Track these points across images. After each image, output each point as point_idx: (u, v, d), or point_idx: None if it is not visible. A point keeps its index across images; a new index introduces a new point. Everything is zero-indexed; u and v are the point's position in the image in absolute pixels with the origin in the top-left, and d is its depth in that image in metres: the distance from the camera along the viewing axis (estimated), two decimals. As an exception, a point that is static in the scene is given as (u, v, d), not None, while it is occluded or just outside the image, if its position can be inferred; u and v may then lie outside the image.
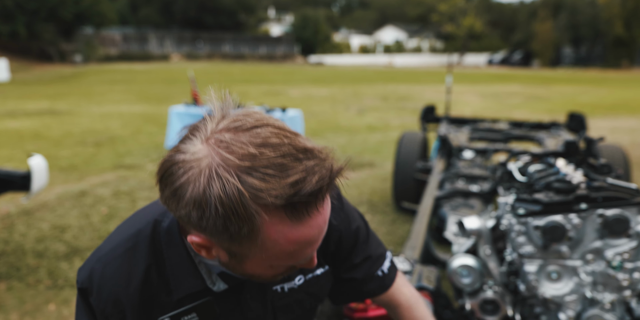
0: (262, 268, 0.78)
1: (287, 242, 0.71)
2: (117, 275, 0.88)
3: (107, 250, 0.90)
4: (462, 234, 1.44)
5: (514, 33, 47.91)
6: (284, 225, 0.69)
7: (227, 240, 0.71)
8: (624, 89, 19.76)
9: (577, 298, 1.26)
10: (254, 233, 0.69)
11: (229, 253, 0.76)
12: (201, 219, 0.69)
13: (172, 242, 0.87)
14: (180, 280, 0.87)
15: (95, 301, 0.89)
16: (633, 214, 1.22)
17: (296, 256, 0.75)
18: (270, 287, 0.96)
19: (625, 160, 4.31)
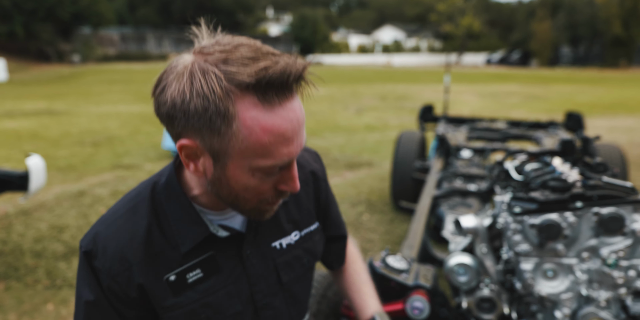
0: (244, 175, 0.81)
1: (261, 131, 0.76)
2: (120, 233, 0.90)
3: (109, 215, 0.94)
4: (458, 232, 1.44)
5: (513, 33, 47.95)
6: (257, 111, 0.75)
7: (208, 132, 0.77)
8: (622, 89, 19.80)
9: (573, 296, 1.26)
10: (230, 117, 0.75)
11: (213, 156, 0.80)
12: (186, 110, 0.76)
13: (171, 195, 0.92)
14: (184, 232, 0.91)
15: (101, 261, 0.89)
16: (628, 212, 1.22)
17: (273, 152, 0.78)
18: (269, 243, 0.99)
19: (623, 159, 4.32)
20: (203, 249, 0.92)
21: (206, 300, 0.93)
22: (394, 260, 1.52)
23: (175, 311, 0.91)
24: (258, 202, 0.86)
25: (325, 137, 8.87)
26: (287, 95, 0.77)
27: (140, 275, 0.89)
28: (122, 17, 47.85)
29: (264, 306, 1.00)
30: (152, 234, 0.91)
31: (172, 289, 0.91)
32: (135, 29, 47.47)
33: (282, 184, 0.85)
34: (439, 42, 52.15)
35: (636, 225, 1.20)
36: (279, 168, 0.83)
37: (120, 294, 0.90)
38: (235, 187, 0.83)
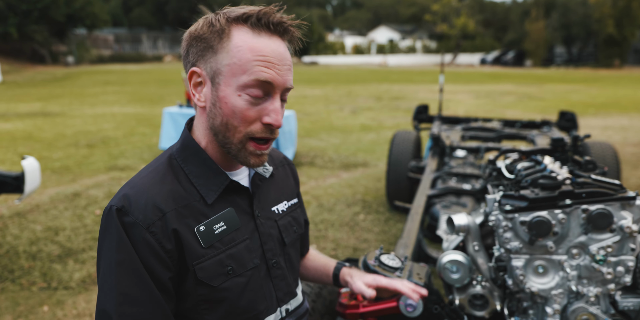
0: (232, 95, 0.96)
1: (247, 49, 0.95)
2: (149, 188, 0.98)
3: (133, 180, 1.02)
4: (450, 230, 1.46)
5: (507, 32, 48.12)
6: (247, 36, 0.96)
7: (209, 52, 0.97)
8: (615, 88, 19.91)
9: (563, 292, 1.28)
10: (223, 40, 0.96)
11: (211, 79, 0.98)
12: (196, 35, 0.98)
13: (188, 155, 1.04)
14: (207, 184, 1.02)
15: (134, 214, 0.94)
16: (616, 209, 1.24)
17: (253, 68, 0.95)
18: (269, 207, 1.14)
19: (616, 157, 4.35)
20: (224, 204, 1.04)
21: (231, 251, 1.02)
22: (388, 258, 1.54)
23: (206, 261, 0.98)
24: (245, 134, 0.98)
25: (321, 137, 8.88)
26: (273, 32, 0.98)
27: (174, 222, 0.96)
28: (117, 18, 47.70)
29: (274, 265, 1.11)
30: (177, 189, 1.00)
31: (203, 238, 0.98)
32: (130, 30, 47.35)
33: (266, 115, 0.98)
34: (434, 42, 52.26)
35: (624, 221, 1.22)
36: (265, 95, 0.98)
37: (155, 247, 0.94)
38: (225, 110, 0.97)
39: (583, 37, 42.31)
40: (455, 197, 3.42)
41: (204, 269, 0.98)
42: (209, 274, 0.98)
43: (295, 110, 10.38)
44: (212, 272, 0.99)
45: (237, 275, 1.02)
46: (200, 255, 0.98)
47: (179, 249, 0.96)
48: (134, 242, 0.93)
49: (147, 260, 0.93)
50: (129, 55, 39.45)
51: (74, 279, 3.38)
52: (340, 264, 1.40)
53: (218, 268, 0.99)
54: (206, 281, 0.98)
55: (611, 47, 38.47)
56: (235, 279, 1.02)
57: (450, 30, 44.69)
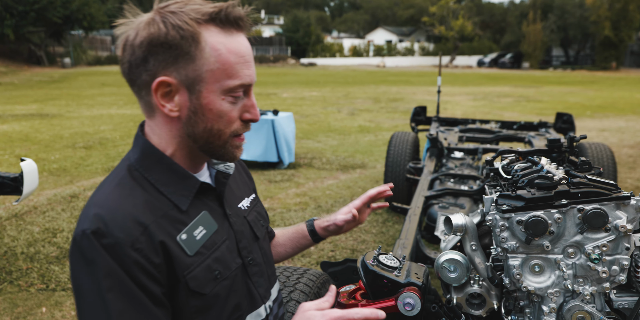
0: (217, 100, 0.93)
1: (227, 52, 0.92)
2: (121, 203, 0.90)
3: (97, 197, 0.93)
4: (448, 230, 1.47)
5: (504, 34, 48.26)
6: (220, 37, 0.92)
7: (183, 60, 0.90)
8: (612, 90, 19.98)
9: (559, 290, 1.29)
10: (199, 44, 0.90)
11: (188, 87, 0.92)
12: (164, 42, 0.89)
13: (151, 164, 0.97)
14: (177, 191, 0.97)
15: (114, 234, 0.85)
16: (611, 208, 1.26)
17: (238, 72, 0.93)
18: (236, 204, 1.13)
19: (612, 158, 4.38)
20: (197, 208, 1.00)
21: (215, 255, 0.99)
22: (386, 258, 1.55)
23: (195, 269, 0.94)
24: (229, 134, 0.97)
25: (319, 139, 8.90)
26: (240, 28, 0.95)
27: (159, 233, 0.90)
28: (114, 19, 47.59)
29: (250, 262, 1.09)
30: (150, 199, 0.94)
31: (187, 246, 0.94)
32: (128, 32, 47.27)
33: (246, 112, 0.98)
34: (432, 44, 52.36)
35: (619, 221, 1.23)
36: (243, 92, 0.96)
37: (144, 264, 0.86)
38: (210, 116, 0.94)
39: (580, 39, 42.48)
40: (452, 198, 3.44)
41: (195, 277, 0.94)
42: (200, 282, 0.95)
43: (293, 112, 10.39)
44: (203, 280, 0.95)
45: (224, 279, 1.00)
46: (189, 264, 0.93)
47: (168, 261, 0.91)
48: (121, 263, 0.84)
49: (138, 280, 0.86)
50: (127, 56, 39.39)
51: (72, 280, 3.39)
52: (310, 220, 1.42)
53: (207, 274, 0.96)
54: (198, 290, 0.94)
55: (608, 49, 38.64)
56: (222, 282, 0.99)
57: (448, 32, 44.80)
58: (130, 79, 0.96)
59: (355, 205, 1.38)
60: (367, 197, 1.38)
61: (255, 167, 6.73)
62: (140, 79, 0.93)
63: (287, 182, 6.01)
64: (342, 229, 1.41)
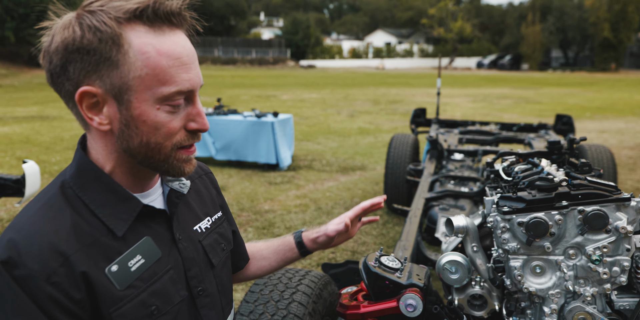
0: (151, 110, 0.81)
1: (158, 54, 0.79)
2: (41, 228, 0.78)
3: (17, 220, 0.81)
4: (449, 231, 1.48)
5: (504, 36, 48.35)
6: (149, 37, 0.79)
7: (105, 66, 0.78)
8: (611, 91, 20.02)
9: (560, 291, 1.30)
10: (122, 47, 0.78)
11: (115, 97, 0.80)
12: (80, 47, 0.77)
13: (87, 182, 0.85)
14: (114, 213, 0.84)
15: (27, 265, 0.74)
16: (611, 210, 1.27)
17: (173, 77, 0.80)
18: (191, 227, 0.99)
19: (612, 160, 4.40)
20: (138, 234, 0.87)
21: (153, 288, 0.86)
22: (388, 260, 1.56)
23: (125, 306, 0.82)
24: (172, 147, 0.85)
25: (319, 141, 8.91)
26: (174, 24, 0.82)
27: (82, 264, 0.78)
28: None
29: (199, 293, 0.97)
30: (79, 224, 0.81)
31: (117, 279, 0.82)
32: (127, 34, 47.33)
33: (191, 121, 0.85)
34: (431, 46, 52.44)
35: (619, 222, 1.24)
36: (185, 100, 0.84)
37: (61, 301, 0.75)
38: (145, 128, 0.81)
39: (579, 41, 42.57)
40: (453, 199, 3.45)
41: (124, 315, 0.81)
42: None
43: (293, 114, 10.40)
44: (134, 317, 0.83)
45: (162, 314, 0.87)
46: (117, 299, 0.81)
47: (91, 296, 0.79)
48: (34, 298, 0.73)
49: (54, 317, 0.75)
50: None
51: (74, 282, 3.39)
52: (298, 231, 1.30)
53: (140, 310, 0.84)
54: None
55: (607, 51, 38.71)
56: (161, 318, 0.87)
57: (447, 34, 44.88)
58: (55, 89, 0.85)
59: (348, 217, 1.28)
60: (361, 208, 1.30)
61: (255, 168, 6.74)
62: (64, 89, 0.82)
63: (287, 184, 6.02)
64: (332, 242, 1.30)
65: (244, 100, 14.83)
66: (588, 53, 43.68)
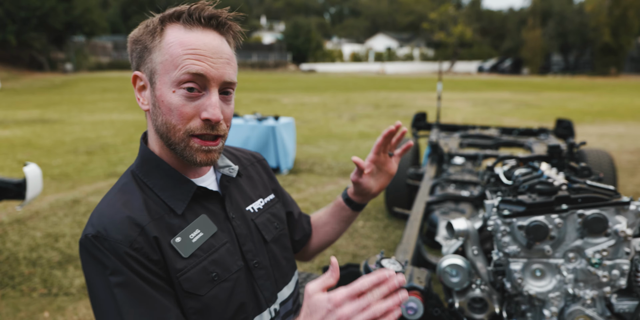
0: (167, 92, 0.95)
1: (178, 44, 0.94)
2: (119, 208, 0.95)
3: (100, 205, 0.99)
4: (450, 235, 1.49)
5: (504, 41, 48.45)
6: (180, 32, 0.95)
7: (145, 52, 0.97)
8: (612, 96, 20.04)
9: (560, 294, 1.31)
10: (157, 39, 0.95)
11: (150, 80, 0.97)
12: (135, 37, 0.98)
13: (150, 168, 1.02)
14: (173, 195, 1.00)
15: (113, 237, 0.91)
16: (611, 213, 1.28)
17: (184, 62, 0.93)
18: (243, 208, 1.13)
19: (612, 164, 4.40)
20: (195, 212, 1.02)
21: (213, 257, 1.00)
22: (389, 262, 1.57)
23: (189, 271, 0.96)
24: (185, 132, 0.96)
25: (319, 144, 8.92)
26: (206, 26, 0.97)
27: (154, 232, 0.94)
28: (116, 25, 47.91)
29: (255, 265, 1.08)
30: (147, 202, 0.98)
31: (181, 249, 0.96)
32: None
33: (204, 111, 0.95)
34: (432, 50, 52.55)
35: (618, 226, 1.25)
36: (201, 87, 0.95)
37: (144, 262, 0.92)
38: (163, 109, 0.96)
39: (579, 46, 42.63)
40: (453, 203, 3.45)
41: (189, 279, 0.96)
42: (195, 284, 0.96)
43: (294, 117, 10.42)
44: (198, 282, 0.96)
45: (223, 281, 1.00)
46: (183, 266, 0.96)
47: (164, 259, 0.95)
48: (123, 262, 0.90)
49: (142, 274, 0.91)
50: (128, 62, 39.35)
51: (75, 285, 3.39)
52: (345, 189, 1.35)
53: (203, 276, 0.97)
54: (193, 291, 0.96)
55: (607, 56, 38.77)
56: (221, 284, 1.00)
57: (448, 38, 44.97)
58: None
59: (370, 159, 1.28)
60: (377, 146, 1.26)
61: (256, 172, 6.74)
62: (132, 68, 1.02)
63: (288, 187, 6.03)
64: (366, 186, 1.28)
65: (245, 104, 14.86)
66: (588, 58, 43.75)
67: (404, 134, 1.27)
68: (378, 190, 1.31)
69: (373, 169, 1.28)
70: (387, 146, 1.29)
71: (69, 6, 30.17)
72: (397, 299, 0.82)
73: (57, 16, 29.58)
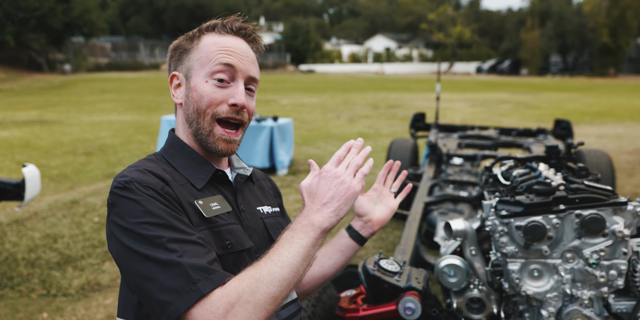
0: (201, 82, 1.10)
1: (213, 44, 1.12)
2: (147, 166, 1.06)
3: (128, 167, 1.08)
4: (448, 235, 1.49)
5: (503, 41, 48.49)
6: (214, 37, 1.14)
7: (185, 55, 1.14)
8: (610, 97, 20.07)
9: (558, 295, 1.31)
10: (194, 43, 1.13)
11: (186, 77, 1.13)
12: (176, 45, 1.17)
13: (175, 152, 1.15)
14: (195, 174, 1.12)
15: (145, 180, 1.00)
16: (608, 214, 1.28)
17: (217, 56, 1.10)
18: (255, 206, 1.22)
19: (610, 165, 4.41)
20: (213, 191, 1.13)
21: (229, 227, 1.08)
22: (387, 263, 1.57)
23: (208, 229, 1.04)
24: (212, 116, 1.10)
25: (318, 145, 8.92)
26: (236, 34, 1.15)
27: (176, 190, 1.04)
28: (114, 26, 47.86)
29: (257, 258, 1.09)
30: (169, 172, 1.09)
31: (204, 209, 1.06)
32: (127, 39, 47.50)
33: (231, 97, 1.11)
34: (430, 50, 52.57)
35: (616, 226, 1.25)
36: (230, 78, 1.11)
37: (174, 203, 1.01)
38: (195, 96, 1.10)
39: (578, 46, 42.69)
40: (452, 204, 3.46)
41: (206, 236, 1.02)
42: (209, 242, 1.02)
43: (293, 118, 10.43)
44: (212, 242, 1.02)
45: (232, 252, 1.06)
46: (203, 222, 1.04)
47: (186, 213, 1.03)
48: (157, 200, 0.98)
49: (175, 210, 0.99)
50: (126, 63, 39.52)
51: (73, 286, 3.39)
52: (349, 226, 1.43)
53: (218, 240, 1.04)
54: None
55: (606, 56, 38.82)
56: (231, 255, 1.05)
57: (447, 39, 45.01)
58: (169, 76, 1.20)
59: (373, 187, 1.44)
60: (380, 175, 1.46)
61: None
62: (169, 70, 1.19)
63: (287, 188, 6.03)
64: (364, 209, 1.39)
65: (243, 104, 14.84)
66: (587, 58, 43.81)
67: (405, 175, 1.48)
68: (377, 221, 1.40)
69: (373, 196, 1.43)
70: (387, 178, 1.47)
71: (68, 7, 30.15)
72: (366, 152, 1.08)
73: (56, 17, 29.54)
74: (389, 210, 1.41)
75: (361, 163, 1.05)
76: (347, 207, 0.99)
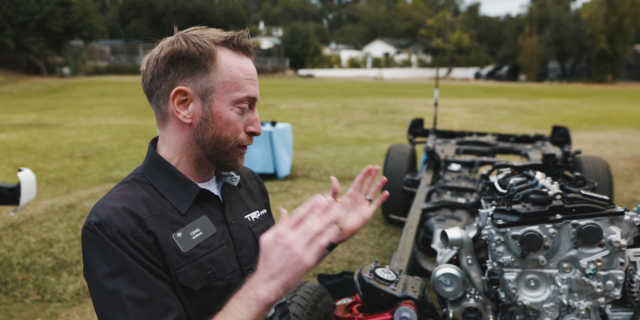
0: (226, 109, 1.06)
1: (237, 69, 1.06)
2: (122, 200, 1.01)
3: (103, 199, 1.04)
4: (444, 244, 1.48)
5: (501, 47, 48.65)
6: (232, 57, 1.08)
7: (200, 72, 1.04)
8: (608, 103, 20.13)
9: (555, 305, 1.30)
10: (215, 60, 1.05)
11: (202, 97, 1.05)
12: (186, 57, 1.04)
13: (156, 172, 1.09)
14: (178, 195, 1.08)
15: (114, 225, 0.96)
16: (605, 224, 1.27)
17: (245, 86, 1.07)
18: (242, 215, 1.19)
19: (608, 172, 4.41)
20: (197, 213, 1.09)
21: (210, 255, 1.06)
22: (383, 271, 1.56)
23: (187, 265, 1.01)
24: (235, 143, 1.08)
25: (316, 150, 8.92)
26: (248, 53, 1.12)
27: (152, 226, 1.00)
28: (114, 30, 47.93)
29: (249, 271, 1.13)
30: (151, 200, 1.04)
31: (182, 244, 1.02)
32: (127, 42, 47.54)
33: (249, 125, 1.10)
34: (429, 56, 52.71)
35: (613, 236, 1.25)
36: (248, 106, 1.09)
37: (143, 250, 0.97)
38: (219, 123, 1.06)
39: (576, 53, 42.84)
40: (449, 210, 3.45)
41: (185, 273, 1.01)
42: (190, 278, 1.01)
43: (291, 123, 10.42)
44: (193, 276, 1.01)
45: (217, 280, 1.05)
46: (181, 260, 1.01)
47: (161, 252, 1.00)
48: (124, 249, 0.94)
49: (141, 260, 0.96)
50: (125, 67, 39.51)
51: (68, 291, 3.37)
52: None
53: (199, 272, 1.03)
54: (187, 285, 1.00)
55: (604, 63, 38.95)
56: (215, 282, 1.05)
57: (445, 45, 45.13)
58: (150, 89, 1.08)
59: (348, 193, 1.37)
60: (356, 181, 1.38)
61: (252, 178, 6.73)
62: (160, 89, 1.06)
63: (285, 193, 6.02)
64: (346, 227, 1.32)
65: (242, 109, 14.84)
66: (585, 65, 43.96)
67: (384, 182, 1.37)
68: (347, 231, 1.32)
69: (347, 202, 1.36)
70: (364, 184, 1.39)
71: (68, 10, 30.19)
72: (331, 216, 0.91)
73: (56, 20, 29.57)
74: (361, 219, 1.34)
75: (321, 229, 0.90)
76: (295, 281, 0.92)
